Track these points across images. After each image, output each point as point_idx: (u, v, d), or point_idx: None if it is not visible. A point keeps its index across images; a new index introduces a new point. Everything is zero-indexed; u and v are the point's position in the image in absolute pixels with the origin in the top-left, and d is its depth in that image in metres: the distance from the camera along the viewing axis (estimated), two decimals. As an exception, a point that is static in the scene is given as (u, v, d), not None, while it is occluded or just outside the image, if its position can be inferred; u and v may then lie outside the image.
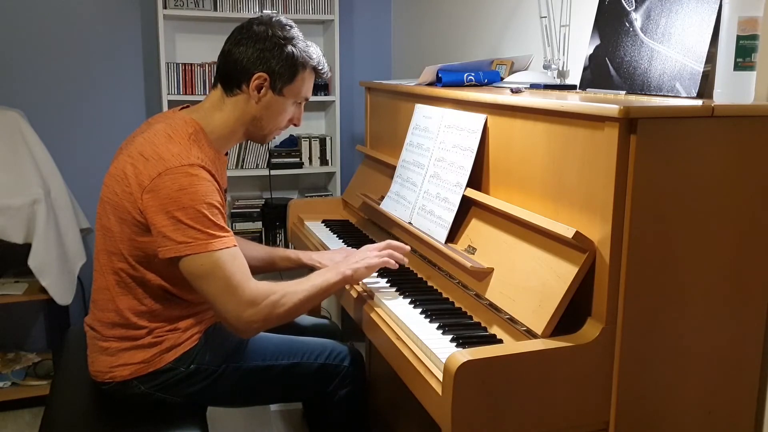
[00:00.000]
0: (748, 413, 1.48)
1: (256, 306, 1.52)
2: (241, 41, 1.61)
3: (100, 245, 1.62)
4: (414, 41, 3.37)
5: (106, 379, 1.63)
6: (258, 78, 1.61)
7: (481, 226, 1.69)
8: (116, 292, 1.60)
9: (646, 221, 1.30)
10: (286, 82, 1.63)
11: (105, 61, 3.19)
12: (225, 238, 1.51)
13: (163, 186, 1.48)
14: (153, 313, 1.61)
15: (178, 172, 1.48)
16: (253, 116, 1.66)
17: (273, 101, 1.65)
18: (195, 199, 1.47)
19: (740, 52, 1.36)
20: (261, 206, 3.39)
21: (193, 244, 1.47)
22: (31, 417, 2.79)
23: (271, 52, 1.60)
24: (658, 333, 1.36)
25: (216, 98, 1.66)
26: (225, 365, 1.68)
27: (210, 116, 1.65)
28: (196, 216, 1.47)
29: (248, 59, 1.60)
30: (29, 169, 2.67)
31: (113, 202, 1.56)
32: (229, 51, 1.63)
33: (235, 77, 1.62)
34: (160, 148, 1.52)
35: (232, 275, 1.50)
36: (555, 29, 2.13)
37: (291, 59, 1.62)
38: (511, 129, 1.63)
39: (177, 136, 1.55)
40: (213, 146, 1.63)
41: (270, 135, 1.72)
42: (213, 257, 1.48)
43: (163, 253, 1.49)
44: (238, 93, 1.64)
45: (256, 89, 1.62)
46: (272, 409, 2.81)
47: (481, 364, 1.23)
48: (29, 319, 3.21)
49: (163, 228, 1.48)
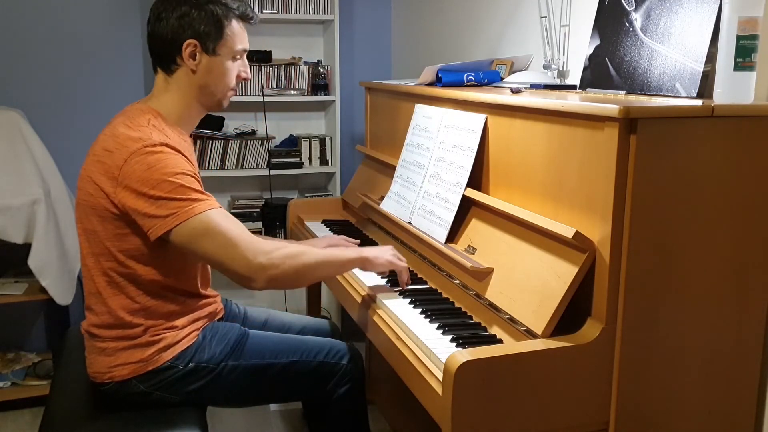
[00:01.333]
0: (748, 413, 1.48)
1: (269, 254, 1.51)
2: (160, 16, 1.59)
3: (86, 249, 1.60)
4: (414, 41, 3.37)
5: (105, 379, 1.63)
6: (188, 46, 1.58)
7: (481, 226, 1.69)
8: (108, 293, 1.59)
9: (646, 221, 1.30)
10: (216, 40, 1.60)
11: (105, 61, 3.19)
12: (208, 201, 1.51)
13: (131, 171, 1.48)
14: (147, 311, 1.61)
15: (142, 153, 1.48)
16: (199, 85, 1.63)
17: (211, 64, 1.62)
18: (166, 173, 1.48)
19: (740, 52, 1.36)
20: (261, 206, 3.39)
21: (179, 212, 1.47)
22: (31, 417, 2.79)
23: (190, 16, 1.57)
24: (658, 333, 1.36)
25: (160, 82, 1.66)
26: (224, 363, 1.68)
27: (161, 100, 1.65)
28: (173, 187, 1.48)
29: (172, 31, 1.58)
30: (29, 169, 2.66)
31: (90, 203, 1.55)
32: (152, 31, 1.61)
33: (167, 54, 1.61)
34: (121, 138, 1.53)
35: (228, 230, 1.50)
36: (555, 29, 2.13)
37: (213, 16, 1.59)
38: (511, 129, 1.63)
39: (135, 125, 1.55)
40: (174, 129, 1.63)
41: (224, 98, 1.69)
42: (203, 218, 1.48)
43: (154, 233, 1.49)
44: (176, 68, 1.62)
45: (191, 57, 1.60)
46: (272, 409, 2.82)
47: (481, 364, 1.23)
48: (29, 319, 3.20)
49: (146, 209, 1.48)
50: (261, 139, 3.31)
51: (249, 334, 1.77)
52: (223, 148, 3.26)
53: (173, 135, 1.61)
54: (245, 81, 1.72)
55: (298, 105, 3.49)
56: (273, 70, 3.32)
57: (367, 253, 1.69)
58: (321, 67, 3.37)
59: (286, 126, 3.52)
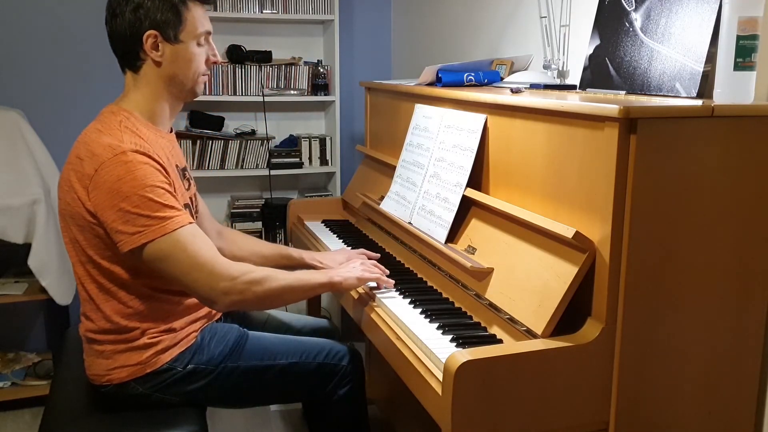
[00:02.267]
0: (748, 413, 1.48)
1: (233, 279, 1.50)
2: (115, 13, 1.56)
3: (73, 258, 1.59)
4: (414, 41, 3.37)
5: (103, 382, 1.62)
6: (148, 37, 1.54)
7: (481, 226, 1.69)
8: (100, 299, 1.58)
9: (646, 221, 1.30)
10: (176, 27, 1.56)
11: (105, 61, 3.15)
12: (177, 218, 1.48)
13: (101, 182, 1.46)
14: (141, 314, 1.59)
15: (112, 163, 1.45)
16: (167, 76, 1.59)
17: (175, 52, 1.58)
18: (135, 185, 1.45)
19: (740, 52, 1.36)
20: (261, 206, 3.39)
21: (146, 231, 1.45)
22: (31, 417, 2.79)
23: (145, 6, 1.53)
24: (658, 333, 1.36)
25: (129, 81, 1.62)
26: (223, 365, 1.68)
27: (131, 99, 1.61)
28: (141, 202, 1.45)
29: (130, 25, 1.54)
30: (29, 169, 2.66)
31: (69, 212, 1.54)
32: (111, 30, 1.58)
33: (130, 50, 1.57)
34: (91, 145, 1.50)
35: (196, 252, 1.48)
36: (555, 29, 2.13)
37: (169, 2, 1.55)
38: (511, 129, 1.63)
39: (106, 128, 1.52)
40: (150, 127, 1.60)
41: (196, 85, 1.64)
42: (171, 239, 1.46)
43: (121, 248, 1.47)
44: (141, 64, 1.58)
45: (153, 48, 1.56)
46: (272, 409, 2.81)
47: (481, 364, 1.23)
48: (29, 319, 3.20)
49: (114, 223, 1.46)
50: (261, 139, 3.31)
51: (248, 335, 1.77)
52: (223, 148, 3.26)
53: (148, 134, 1.57)
54: (216, 64, 1.67)
55: (298, 105, 3.49)
56: (273, 70, 3.32)
57: (335, 277, 1.67)
58: (321, 67, 3.37)
59: (286, 126, 3.52)
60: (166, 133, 1.67)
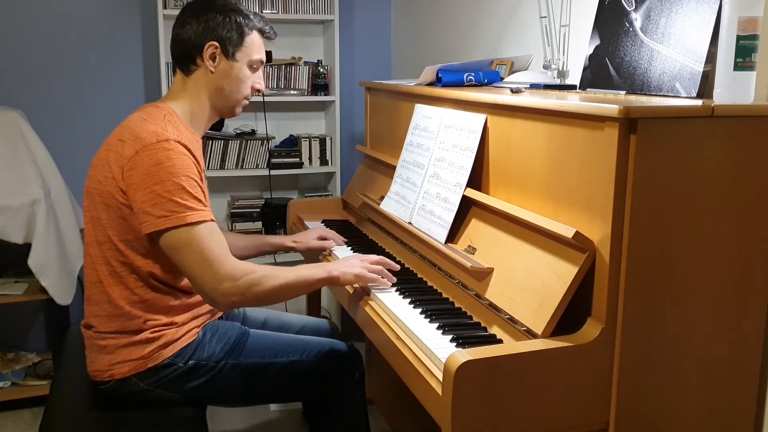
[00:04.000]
0: (748, 413, 1.48)
1: (235, 280, 1.53)
2: (185, 21, 1.69)
3: (90, 237, 1.64)
4: (414, 41, 3.37)
5: (105, 377, 1.63)
6: (210, 47, 1.68)
7: (481, 226, 1.69)
8: (109, 282, 1.62)
9: (646, 221, 1.30)
10: (236, 46, 1.70)
11: (105, 61, 3.19)
12: (202, 212, 1.54)
13: (141, 163, 1.52)
14: (146, 303, 1.62)
15: (155, 148, 1.53)
16: (215, 87, 1.71)
17: (229, 67, 1.71)
18: (172, 173, 1.52)
19: (740, 52, 1.36)
20: (261, 206, 3.39)
21: (171, 217, 1.50)
22: (31, 417, 2.79)
23: (215, 21, 1.68)
24: (658, 333, 1.36)
25: (178, 82, 1.74)
26: (224, 362, 1.69)
27: (177, 99, 1.72)
28: (175, 188, 1.51)
29: (196, 34, 1.67)
30: (29, 169, 2.66)
31: (98, 190, 1.60)
32: (178, 34, 1.70)
33: (189, 55, 1.69)
34: (136, 129, 1.58)
35: (209, 249, 1.52)
36: (555, 29, 2.13)
37: (236, 23, 1.69)
38: (511, 129, 1.63)
39: (151, 118, 1.61)
40: (188, 127, 1.68)
41: (237, 105, 1.77)
42: (191, 231, 1.51)
43: (144, 228, 1.53)
44: (195, 69, 1.70)
45: (211, 59, 1.68)
46: (272, 409, 2.81)
47: (481, 364, 1.23)
48: (29, 319, 3.20)
49: (143, 203, 1.52)
50: (261, 139, 3.31)
51: (249, 333, 1.77)
52: (223, 148, 3.26)
53: (186, 132, 1.65)
54: (259, 93, 1.80)
55: (298, 105, 3.49)
56: (273, 70, 3.32)
57: (334, 272, 1.69)
58: (321, 67, 3.37)
59: (286, 126, 3.52)
60: (198, 137, 1.74)
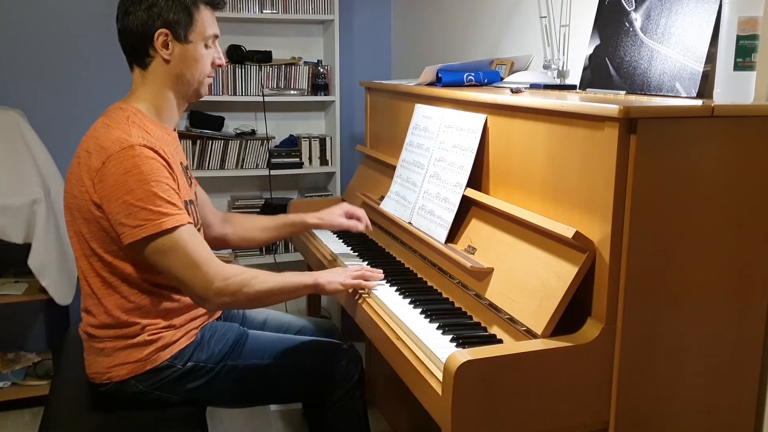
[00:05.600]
0: (748, 413, 1.48)
1: (226, 280, 1.54)
2: (128, 11, 1.60)
3: (78, 251, 1.61)
4: (414, 41, 3.37)
5: (103, 380, 1.63)
6: (159, 35, 1.60)
7: (481, 226, 1.69)
8: (102, 293, 1.60)
9: (646, 221, 1.30)
10: (187, 27, 1.62)
11: (105, 61, 3.19)
12: (177, 215, 1.51)
13: (108, 174, 1.49)
14: (142, 309, 1.61)
15: (120, 156, 1.49)
16: (175, 75, 1.64)
17: (184, 51, 1.63)
18: (141, 179, 1.48)
19: (740, 52, 1.36)
20: (261, 206, 3.39)
21: (146, 225, 1.48)
22: (31, 417, 2.79)
23: (159, 5, 1.59)
24: (658, 333, 1.36)
25: (137, 77, 1.66)
26: (223, 363, 1.68)
27: (138, 95, 1.65)
28: (146, 196, 1.48)
29: (142, 23, 1.59)
30: (29, 169, 2.66)
31: (75, 205, 1.57)
32: (122, 27, 1.62)
33: (140, 47, 1.62)
34: (100, 139, 1.53)
35: (195, 252, 1.52)
36: (555, 29, 2.13)
37: (181, 3, 1.61)
38: (511, 129, 1.63)
39: (114, 123, 1.56)
40: (156, 123, 1.64)
41: (201, 86, 1.70)
42: (171, 237, 1.50)
43: (123, 240, 1.51)
44: (150, 61, 1.63)
45: (163, 47, 1.61)
46: (272, 409, 2.81)
47: (480, 364, 1.23)
48: (29, 319, 3.20)
49: (118, 215, 1.49)
50: (261, 139, 3.31)
51: (248, 333, 1.77)
52: (223, 148, 3.26)
53: (155, 130, 1.61)
54: (220, 67, 1.74)
55: (298, 105, 3.49)
56: (273, 70, 3.32)
57: (320, 280, 1.70)
58: (321, 67, 3.37)
59: (286, 126, 3.52)
60: (171, 131, 1.70)
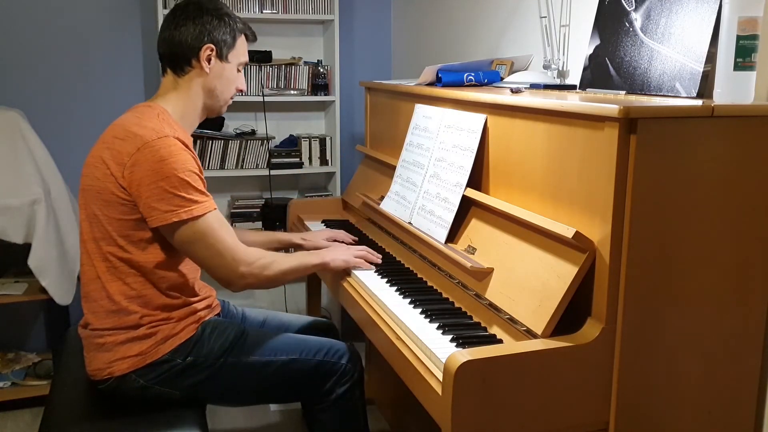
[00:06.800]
0: (748, 413, 1.48)
1: (250, 264, 1.66)
2: (179, 23, 1.72)
3: (87, 234, 1.65)
4: (414, 41, 3.37)
5: (104, 375, 1.63)
6: (206, 49, 1.72)
7: (481, 226, 1.69)
8: (106, 278, 1.63)
9: (646, 221, 1.30)
10: (229, 48, 1.77)
11: (105, 61, 3.19)
12: (206, 203, 1.61)
13: (143, 160, 1.56)
14: (143, 298, 1.64)
15: (156, 144, 1.57)
16: (208, 88, 1.76)
17: (222, 69, 1.76)
18: (176, 168, 1.57)
19: (740, 52, 1.36)
20: (261, 206, 3.39)
21: (178, 211, 1.56)
22: (31, 417, 2.79)
23: (212, 24, 1.73)
24: (658, 333, 1.36)
25: (169, 82, 1.77)
26: (223, 359, 1.69)
27: (168, 98, 1.75)
28: (179, 183, 1.56)
29: (193, 37, 1.71)
30: (29, 169, 2.66)
31: (95, 187, 1.62)
32: (170, 35, 1.73)
33: (184, 56, 1.73)
34: (133, 127, 1.61)
35: (223, 239, 1.62)
36: (555, 29, 2.13)
37: (229, 26, 1.76)
38: (511, 129, 1.63)
39: (145, 117, 1.64)
40: (180, 126, 1.71)
41: (225, 105, 1.83)
42: (200, 224, 1.59)
43: (152, 222, 1.58)
44: (189, 70, 1.74)
45: (206, 60, 1.73)
46: (272, 409, 2.82)
47: (480, 364, 1.23)
48: (29, 319, 3.20)
49: (149, 199, 1.56)
50: (261, 139, 3.31)
51: (248, 331, 1.78)
52: (223, 148, 3.26)
53: (180, 131, 1.67)
54: (241, 93, 1.88)
55: (298, 105, 3.49)
56: (273, 70, 3.32)
57: (326, 257, 1.87)
58: (321, 67, 3.37)
59: (286, 126, 3.52)
60: (188, 136, 1.76)
